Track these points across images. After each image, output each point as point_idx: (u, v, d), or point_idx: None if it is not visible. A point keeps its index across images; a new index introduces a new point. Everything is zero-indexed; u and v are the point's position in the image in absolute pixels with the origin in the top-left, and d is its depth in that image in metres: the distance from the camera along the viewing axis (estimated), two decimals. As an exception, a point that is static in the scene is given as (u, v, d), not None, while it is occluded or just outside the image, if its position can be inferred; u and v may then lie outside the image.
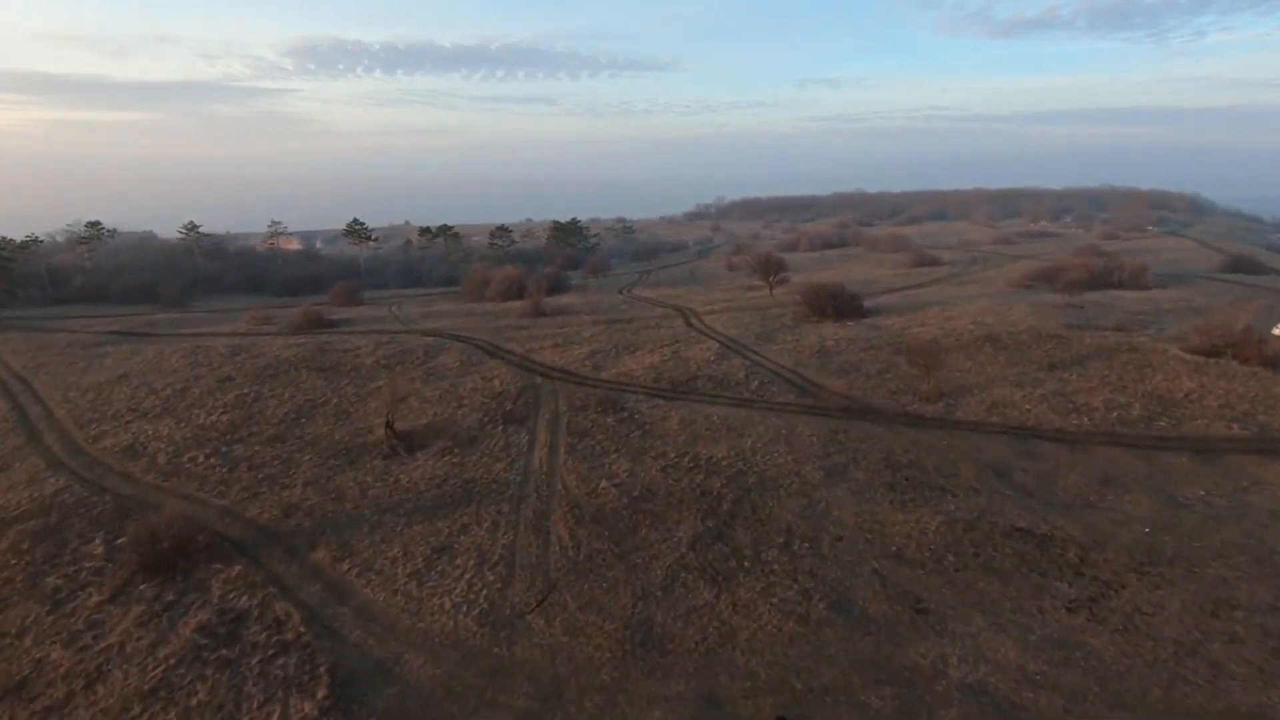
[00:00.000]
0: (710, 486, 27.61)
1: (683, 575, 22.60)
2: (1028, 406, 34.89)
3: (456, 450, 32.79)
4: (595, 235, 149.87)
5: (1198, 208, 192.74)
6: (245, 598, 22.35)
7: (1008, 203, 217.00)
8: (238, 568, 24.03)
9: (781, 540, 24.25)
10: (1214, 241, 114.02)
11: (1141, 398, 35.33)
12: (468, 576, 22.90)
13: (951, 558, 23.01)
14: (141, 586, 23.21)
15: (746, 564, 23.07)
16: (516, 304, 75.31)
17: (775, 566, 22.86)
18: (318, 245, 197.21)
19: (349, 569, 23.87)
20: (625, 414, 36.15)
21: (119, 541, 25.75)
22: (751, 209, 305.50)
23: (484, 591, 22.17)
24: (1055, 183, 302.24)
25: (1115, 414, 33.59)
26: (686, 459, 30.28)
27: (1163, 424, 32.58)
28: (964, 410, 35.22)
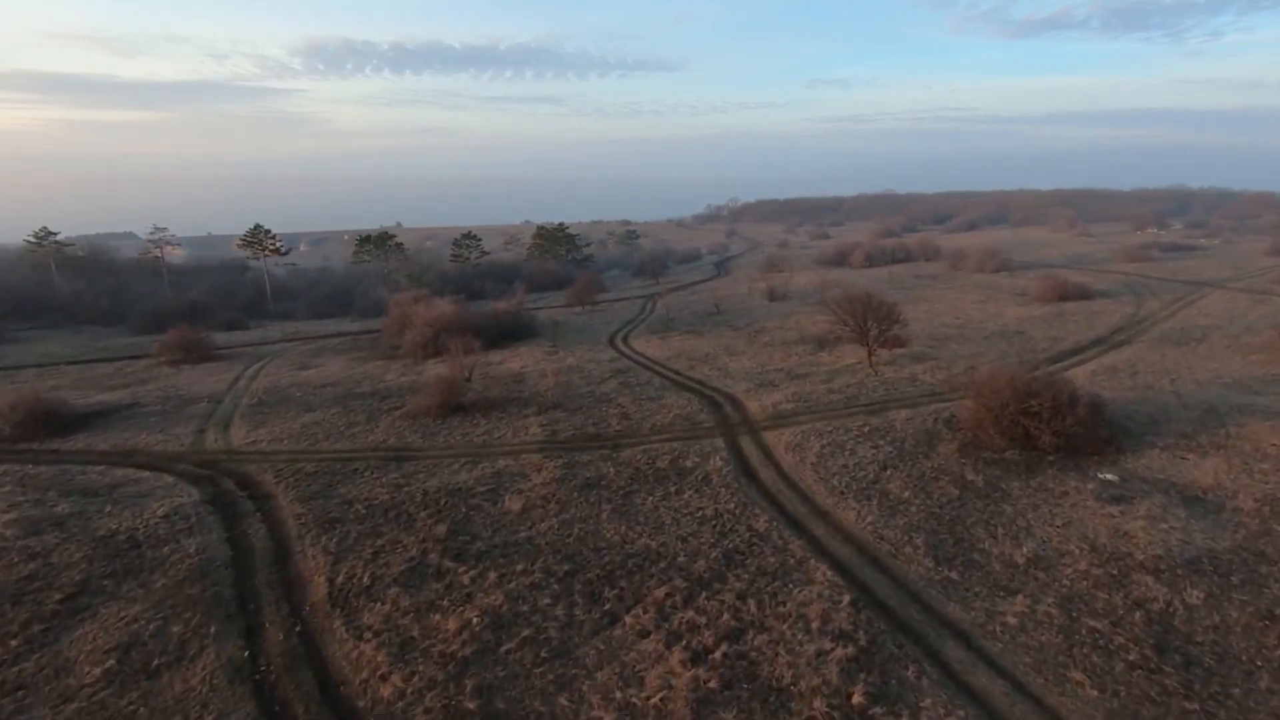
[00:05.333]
0: None
1: None
2: None
3: None
4: (589, 245, 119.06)
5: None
6: None
7: (1079, 205, 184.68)
8: None
9: None
10: None
11: None
12: None
13: None
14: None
15: None
16: (438, 368, 44.80)
17: None
18: (301, 249, 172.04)
19: None
20: None
21: None
22: (769, 211, 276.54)
23: None
24: (1072, 184, 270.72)
25: None
26: None
27: None
28: None
